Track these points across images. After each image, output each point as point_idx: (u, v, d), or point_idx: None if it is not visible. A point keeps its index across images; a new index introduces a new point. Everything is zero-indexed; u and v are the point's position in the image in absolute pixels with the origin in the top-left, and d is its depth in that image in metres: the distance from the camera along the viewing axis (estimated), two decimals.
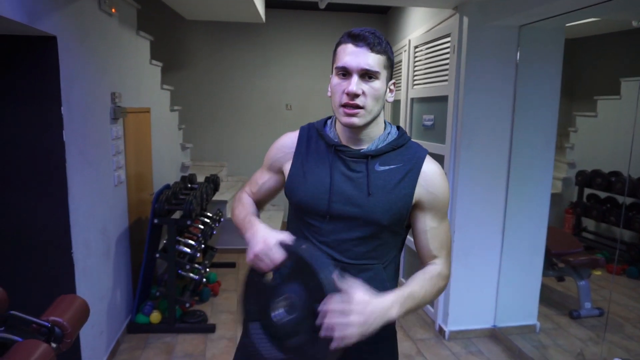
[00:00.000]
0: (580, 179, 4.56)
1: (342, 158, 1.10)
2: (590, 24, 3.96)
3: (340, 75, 1.04)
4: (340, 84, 1.04)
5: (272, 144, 1.23)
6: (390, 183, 1.07)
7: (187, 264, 3.04)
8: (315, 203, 1.09)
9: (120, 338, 2.81)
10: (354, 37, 1.04)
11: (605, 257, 3.91)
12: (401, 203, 1.07)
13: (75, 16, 2.13)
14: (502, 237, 2.92)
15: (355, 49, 1.03)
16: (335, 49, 1.09)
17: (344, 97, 1.03)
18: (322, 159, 1.12)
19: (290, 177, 1.15)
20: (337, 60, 1.06)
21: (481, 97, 2.73)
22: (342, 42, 1.07)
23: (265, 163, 1.25)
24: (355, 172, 1.08)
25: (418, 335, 3.01)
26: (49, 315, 1.19)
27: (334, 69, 1.07)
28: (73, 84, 2.09)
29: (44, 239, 2.06)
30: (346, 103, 1.03)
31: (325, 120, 1.20)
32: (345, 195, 1.07)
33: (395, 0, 3.08)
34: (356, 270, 1.08)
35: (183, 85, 5.18)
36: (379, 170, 1.08)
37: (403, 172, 1.08)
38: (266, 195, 1.28)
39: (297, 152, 1.16)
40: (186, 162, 4.63)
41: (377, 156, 1.09)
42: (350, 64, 1.02)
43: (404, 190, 1.07)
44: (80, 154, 2.19)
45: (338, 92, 1.05)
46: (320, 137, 1.15)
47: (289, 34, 5.46)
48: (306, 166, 1.12)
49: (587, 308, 3.23)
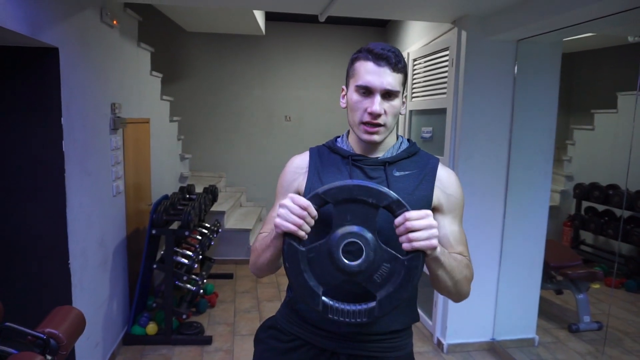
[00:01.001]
0: (578, 192, 4.57)
1: (360, 167, 1.11)
2: (587, 39, 4.00)
3: (361, 93, 1.05)
4: (362, 101, 1.05)
5: (284, 172, 1.21)
6: (409, 186, 1.09)
7: (184, 275, 3.03)
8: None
9: (116, 350, 2.78)
10: (376, 56, 1.04)
11: (603, 270, 3.90)
12: (420, 204, 1.07)
13: (77, 28, 2.15)
14: (501, 250, 2.92)
15: (377, 69, 1.03)
16: (353, 63, 1.09)
17: (365, 115, 1.05)
18: (339, 169, 1.13)
19: (309, 190, 1.13)
20: (357, 77, 1.06)
21: (479, 110, 2.75)
22: (361, 58, 1.06)
23: (280, 191, 1.21)
24: (374, 179, 1.09)
25: (416, 348, 2.99)
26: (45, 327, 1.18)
27: (355, 86, 1.06)
28: (73, 94, 2.10)
29: (41, 249, 2.05)
30: (368, 122, 1.05)
31: (335, 138, 1.21)
32: None
33: (394, 13, 3.11)
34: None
35: (183, 96, 5.20)
36: (397, 176, 1.10)
37: (420, 177, 1.11)
38: None
39: (311, 168, 1.16)
40: (185, 173, 4.63)
41: (393, 163, 1.11)
42: (373, 84, 1.03)
43: (423, 192, 1.10)
44: (80, 164, 2.19)
45: (359, 110, 1.06)
46: (333, 151, 1.16)
47: (289, 46, 5.51)
48: (324, 178, 1.12)
49: (586, 322, 3.21)
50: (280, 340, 1.17)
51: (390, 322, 1.11)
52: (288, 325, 1.17)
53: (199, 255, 3.22)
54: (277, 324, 1.20)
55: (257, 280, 4.12)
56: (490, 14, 2.62)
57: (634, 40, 3.33)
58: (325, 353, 1.12)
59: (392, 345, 1.13)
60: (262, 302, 3.67)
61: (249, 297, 3.79)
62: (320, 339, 1.12)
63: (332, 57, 5.58)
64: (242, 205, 5.56)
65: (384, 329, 1.11)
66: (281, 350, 1.16)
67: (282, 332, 1.17)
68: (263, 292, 3.88)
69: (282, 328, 1.18)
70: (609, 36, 3.91)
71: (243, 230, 4.54)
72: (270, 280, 4.16)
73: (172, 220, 3.07)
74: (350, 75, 1.10)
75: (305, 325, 1.13)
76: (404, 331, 1.16)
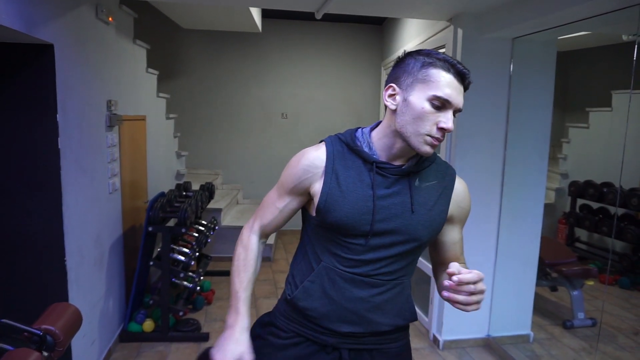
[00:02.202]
0: (573, 189, 4.60)
1: (383, 175, 1.06)
2: (582, 37, 4.03)
3: (435, 104, 0.98)
4: (435, 114, 0.98)
5: (293, 165, 1.12)
6: (430, 200, 1.09)
7: (181, 272, 3.03)
8: (358, 223, 1.05)
9: (113, 347, 2.78)
10: (458, 72, 0.99)
11: (597, 268, 3.93)
12: (439, 219, 1.11)
13: (73, 25, 2.14)
14: (496, 247, 2.93)
15: (457, 85, 0.99)
16: (426, 68, 0.99)
17: (436, 130, 0.99)
18: (360, 175, 1.06)
19: (325, 196, 1.06)
20: (435, 87, 0.97)
21: (475, 108, 2.76)
22: (439, 66, 0.98)
23: (285, 185, 1.14)
24: (397, 190, 1.06)
25: (412, 345, 2.98)
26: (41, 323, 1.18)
27: (431, 95, 0.97)
28: (69, 91, 2.10)
29: (37, 246, 2.05)
30: (437, 137, 1.00)
31: (352, 134, 1.12)
32: (388, 214, 1.05)
33: (390, 11, 3.11)
34: (388, 286, 1.11)
35: (179, 93, 5.19)
36: (419, 187, 1.08)
37: (440, 189, 1.11)
38: (282, 220, 1.19)
39: (327, 169, 1.08)
40: (181, 170, 4.62)
41: (416, 172, 1.09)
42: (454, 100, 0.98)
43: (442, 206, 1.11)
44: (75, 161, 2.19)
45: (429, 122, 0.98)
46: (354, 152, 1.09)
47: (285, 43, 5.50)
48: (343, 184, 1.06)
49: (581, 318, 3.24)
50: (279, 337, 1.16)
51: (395, 320, 1.14)
52: (287, 323, 1.16)
53: (196, 253, 3.22)
54: (275, 321, 1.19)
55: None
56: (486, 12, 2.62)
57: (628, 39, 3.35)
58: (326, 348, 1.13)
59: (391, 337, 1.16)
60: (258, 298, 3.68)
61: None
62: (321, 335, 1.12)
63: (328, 54, 5.58)
64: (238, 202, 5.56)
65: (388, 329, 1.13)
66: (280, 345, 1.15)
67: (280, 330, 1.17)
68: (259, 289, 3.88)
69: (281, 326, 1.17)
70: (604, 35, 3.93)
71: (240, 227, 4.53)
72: (267, 277, 4.17)
73: (169, 218, 3.07)
74: (419, 79, 0.99)
75: (305, 323, 1.13)
76: (405, 327, 1.20)
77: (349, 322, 1.10)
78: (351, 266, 1.08)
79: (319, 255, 1.12)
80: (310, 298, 1.11)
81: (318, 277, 1.11)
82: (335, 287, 1.09)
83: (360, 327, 1.10)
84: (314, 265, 1.12)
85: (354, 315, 1.09)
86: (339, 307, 1.09)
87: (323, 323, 1.11)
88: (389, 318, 1.12)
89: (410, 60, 1.02)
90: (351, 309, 1.09)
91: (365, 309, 1.09)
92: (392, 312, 1.12)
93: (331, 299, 1.09)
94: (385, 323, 1.12)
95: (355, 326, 1.10)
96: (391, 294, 1.11)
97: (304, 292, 1.12)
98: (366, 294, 1.09)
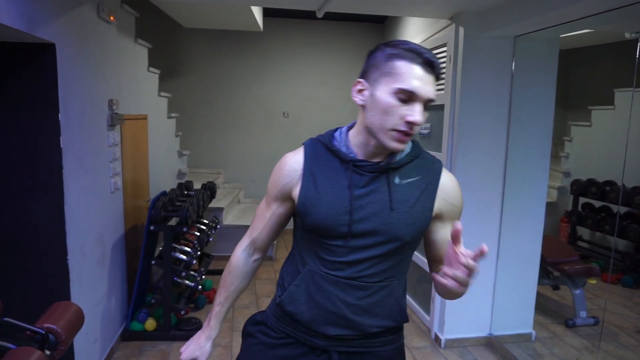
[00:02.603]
0: (575, 188, 4.59)
1: (360, 173, 1.03)
2: (584, 35, 4.01)
3: (400, 98, 0.94)
4: (400, 107, 0.94)
5: (275, 171, 1.13)
6: (411, 197, 1.03)
7: (182, 271, 3.03)
8: (335, 224, 1.02)
9: (115, 346, 2.79)
10: (425, 61, 0.94)
11: (600, 266, 3.92)
12: (422, 217, 1.05)
13: (74, 24, 2.14)
14: (498, 245, 2.93)
15: (424, 75, 0.94)
16: (391, 60, 0.95)
17: (402, 124, 0.95)
18: (336, 175, 1.04)
19: (302, 198, 1.06)
20: (399, 79, 0.94)
21: (477, 106, 2.75)
22: (405, 57, 0.94)
23: (270, 193, 1.15)
24: (375, 188, 1.03)
25: (414, 344, 3.01)
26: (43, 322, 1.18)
27: (395, 88, 0.94)
28: (71, 90, 2.10)
29: (40, 245, 2.05)
30: (404, 131, 0.95)
31: (332, 134, 1.11)
32: (366, 213, 1.02)
33: (392, 10, 3.10)
34: (374, 288, 1.06)
35: (180, 92, 5.19)
36: (399, 184, 1.04)
37: (423, 185, 1.05)
38: (273, 229, 1.19)
39: (305, 171, 1.07)
40: (183, 169, 4.63)
41: (396, 169, 1.04)
42: (420, 91, 0.93)
43: (425, 203, 1.05)
44: (77, 160, 2.19)
45: (395, 116, 0.95)
46: (331, 152, 1.07)
47: (287, 42, 5.50)
48: (320, 185, 1.05)
49: (583, 317, 3.23)
50: (270, 337, 1.16)
51: (383, 322, 1.10)
52: (278, 324, 1.15)
53: (198, 252, 3.22)
54: (267, 320, 1.18)
55: (256, 276, 4.13)
56: (488, 10, 2.62)
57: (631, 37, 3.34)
58: (316, 350, 1.11)
59: (382, 340, 1.12)
60: (260, 297, 3.68)
61: (247, 293, 3.79)
62: (311, 338, 1.11)
63: (330, 53, 5.57)
64: (240, 201, 5.56)
65: (377, 330, 1.10)
66: (270, 344, 1.15)
67: (271, 329, 1.16)
68: (261, 288, 3.89)
69: (272, 326, 1.16)
70: (606, 33, 3.92)
71: (241, 226, 4.54)
72: (268, 277, 4.17)
73: (171, 217, 3.07)
74: (384, 72, 0.96)
75: (295, 325, 1.12)
76: (395, 328, 1.15)
77: (336, 325, 1.07)
78: (334, 269, 1.05)
79: (305, 259, 1.11)
80: (296, 302, 1.10)
81: (303, 281, 1.09)
82: (320, 291, 1.07)
83: (349, 329, 1.07)
84: (300, 268, 1.12)
85: (341, 318, 1.07)
86: (324, 310, 1.07)
87: (311, 326, 1.09)
88: (377, 320, 1.08)
89: (377, 53, 0.99)
90: (337, 312, 1.06)
91: (352, 312, 1.06)
92: (380, 314, 1.09)
93: (317, 302, 1.07)
94: (374, 325, 1.08)
95: (344, 329, 1.08)
96: (379, 296, 1.07)
97: (290, 297, 1.11)
98: (351, 297, 1.05)
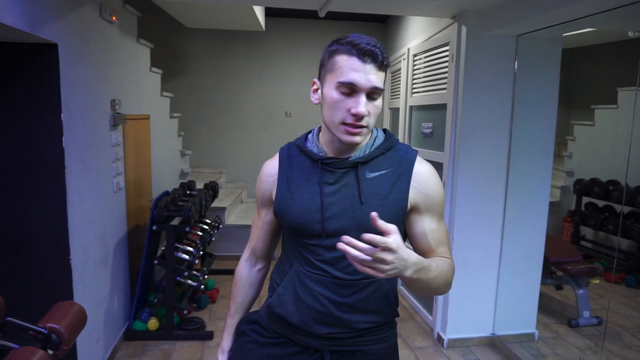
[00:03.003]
0: (579, 187, 4.57)
1: (330, 170, 1.05)
2: (587, 34, 3.99)
3: (343, 91, 0.96)
4: (344, 101, 0.96)
5: (258, 179, 1.18)
6: (383, 189, 1.03)
7: (185, 270, 3.04)
8: (308, 223, 1.04)
9: (117, 345, 2.79)
10: (361, 51, 0.94)
11: (603, 266, 3.91)
12: (396, 209, 1.03)
13: (77, 24, 2.15)
14: (501, 245, 2.92)
15: (362, 65, 0.94)
16: (332, 56, 0.98)
17: (348, 116, 0.96)
18: (308, 175, 1.07)
19: (278, 200, 1.09)
20: (339, 73, 0.96)
21: (480, 106, 2.74)
22: (343, 51, 0.96)
23: (258, 201, 1.20)
24: (345, 183, 1.04)
25: (416, 343, 3.00)
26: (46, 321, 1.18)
27: (336, 82, 0.96)
28: (73, 90, 2.10)
29: (42, 245, 2.06)
30: (352, 123, 0.96)
31: (306, 136, 1.15)
32: (338, 209, 1.03)
33: (394, 9, 3.10)
34: (359, 286, 1.06)
35: (183, 92, 5.20)
36: (369, 177, 1.03)
37: (395, 177, 1.04)
38: (268, 237, 1.24)
39: (280, 174, 1.11)
40: (185, 169, 4.63)
41: (366, 162, 1.04)
42: (359, 82, 0.94)
43: (398, 194, 1.03)
44: (80, 160, 2.20)
45: (340, 110, 0.97)
46: (303, 153, 1.09)
47: (289, 42, 5.50)
48: (292, 186, 1.07)
49: (586, 317, 3.22)
50: (262, 335, 1.17)
51: (372, 318, 1.09)
52: (271, 324, 1.16)
53: (200, 251, 3.23)
54: (260, 320, 1.20)
55: None
56: (490, 9, 2.61)
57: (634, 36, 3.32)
58: (309, 350, 1.12)
59: (374, 338, 1.12)
60: (262, 298, 3.66)
61: None
62: (303, 337, 1.11)
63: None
64: (242, 201, 5.56)
65: (366, 326, 1.09)
66: (263, 343, 1.16)
67: (264, 329, 1.17)
68: (263, 288, 3.88)
69: (265, 325, 1.18)
70: (609, 31, 3.90)
71: (244, 226, 4.55)
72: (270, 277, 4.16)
73: (173, 216, 3.07)
74: (327, 69, 0.99)
75: (287, 325, 1.13)
76: (386, 324, 1.14)
77: (326, 324, 1.07)
78: (317, 268, 1.06)
79: (291, 260, 1.13)
80: (285, 304, 1.11)
81: (290, 282, 1.11)
82: (307, 290, 1.08)
83: (338, 327, 1.08)
84: (287, 269, 1.14)
85: (329, 317, 1.07)
86: (313, 310, 1.07)
87: (301, 327, 1.09)
88: (366, 316, 1.08)
89: (324, 52, 1.03)
90: (325, 311, 1.06)
91: (340, 310, 1.06)
92: (369, 310, 1.08)
93: (304, 302, 1.08)
94: (363, 321, 1.08)
95: (334, 327, 1.08)
96: (366, 292, 1.06)
97: (278, 299, 1.12)
98: (337, 295, 1.05)
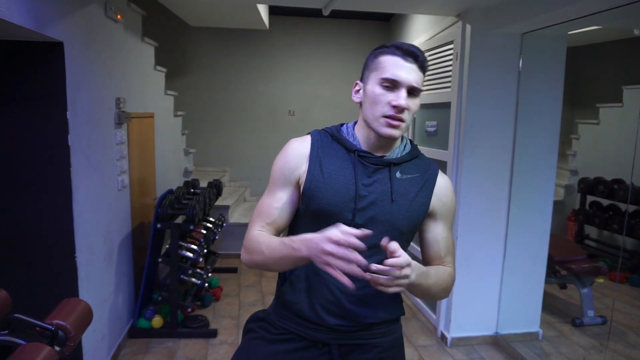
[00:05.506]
0: (583, 186, 4.55)
1: (364, 164, 1.09)
2: (592, 32, 3.97)
3: (385, 86, 1.04)
4: (385, 95, 1.04)
5: (281, 156, 1.13)
6: (411, 192, 1.10)
7: (189, 268, 3.05)
8: (339, 210, 1.06)
9: (122, 342, 2.81)
10: (404, 52, 1.04)
11: (608, 265, 3.89)
12: (420, 211, 1.11)
13: (82, 22, 2.16)
14: (505, 244, 2.92)
15: (405, 64, 1.03)
16: (377, 57, 1.07)
17: (389, 109, 1.03)
18: (343, 164, 1.09)
19: (309, 182, 1.08)
20: (383, 70, 1.04)
21: (484, 104, 2.74)
22: (387, 52, 1.05)
23: (278, 180, 1.12)
24: (377, 179, 1.09)
25: (420, 342, 3.00)
26: (53, 318, 1.19)
27: (379, 79, 1.04)
28: (79, 89, 2.11)
29: (48, 242, 2.07)
30: (392, 115, 1.03)
31: (338, 127, 1.18)
32: (369, 202, 1.07)
33: (398, 7, 3.10)
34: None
35: (187, 90, 5.21)
36: (400, 178, 1.10)
37: (422, 182, 1.12)
38: (290, 215, 1.14)
39: (312, 156, 1.11)
40: (189, 167, 4.65)
41: (398, 164, 1.11)
42: (401, 77, 1.02)
43: (422, 199, 1.12)
44: (85, 158, 2.21)
45: (381, 103, 1.04)
46: (338, 142, 1.13)
47: (293, 40, 5.50)
48: (326, 171, 1.08)
49: (590, 316, 3.21)
50: (270, 332, 1.18)
51: (380, 314, 1.13)
52: (279, 320, 1.18)
53: (204, 249, 3.24)
54: (268, 317, 1.21)
55: (262, 274, 4.14)
56: (495, 7, 2.60)
57: None
58: (317, 344, 1.14)
59: (380, 331, 1.16)
60: (266, 295, 3.69)
61: (254, 290, 3.81)
62: (311, 331, 1.13)
63: (336, 51, 5.56)
64: (246, 199, 5.57)
65: (373, 321, 1.13)
66: (270, 339, 1.17)
67: (272, 326, 1.19)
68: (267, 286, 3.89)
69: (273, 322, 1.19)
70: (615, 29, 3.88)
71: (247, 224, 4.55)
72: (274, 275, 4.16)
73: (177, 215, 3.08)
74: (372, 68, 1.07)
75: (295, 319, 1.14)
76: (392, 320, 1.18)
77: (335, 315, 1.10)
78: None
79: None
80: (297, 292, 1.13)
81: (303, 270, 1.12)
82: (319, 280, 1.10)
83: (346, 320, 1.10)
84: None
85: (338, 308, 1.09)
86: (323, 299, 1.10)
87: (310, 316, 1.11)
88: (373, 311, 1.12)
89: (369, 56, 1.11)
90: (335, 301, 1.09)
91: (350, 302, 1.09)
92: (376, 305, 1.12)
93: (315, 291, 1.11)
94: (370, 316, 1.12)
95: (342, 319, 1.10)
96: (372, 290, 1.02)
97: (290, 286, 1.14)
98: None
